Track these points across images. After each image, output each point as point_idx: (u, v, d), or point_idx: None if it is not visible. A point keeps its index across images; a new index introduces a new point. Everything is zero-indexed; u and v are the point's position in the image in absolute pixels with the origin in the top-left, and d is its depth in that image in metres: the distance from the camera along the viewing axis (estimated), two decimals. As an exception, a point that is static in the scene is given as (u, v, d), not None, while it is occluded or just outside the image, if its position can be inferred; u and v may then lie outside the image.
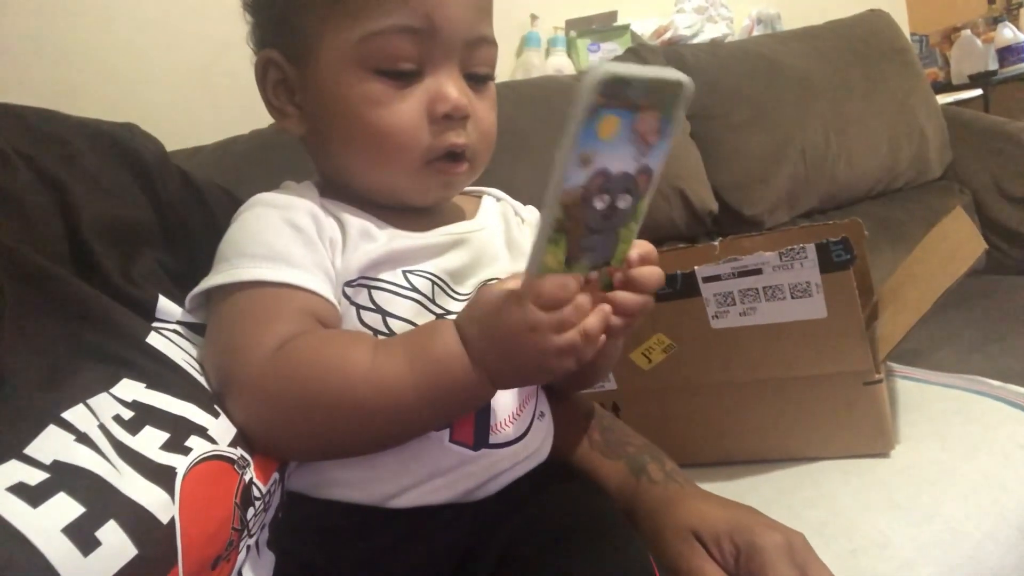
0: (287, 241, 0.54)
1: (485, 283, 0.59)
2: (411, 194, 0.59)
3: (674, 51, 1.66)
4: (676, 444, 0.72)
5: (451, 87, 0.55)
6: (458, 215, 0.64)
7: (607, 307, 0.47)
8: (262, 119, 1.33)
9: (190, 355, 0.51)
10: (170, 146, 0.66)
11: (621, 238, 0.48)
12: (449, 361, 0.47)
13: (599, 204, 0.44)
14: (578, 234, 0.45)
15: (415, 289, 0.56)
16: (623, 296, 0.49)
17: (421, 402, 0.48)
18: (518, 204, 0.71)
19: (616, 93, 0.39)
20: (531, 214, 0.70)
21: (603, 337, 0.47)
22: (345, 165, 0.59)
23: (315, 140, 0.60)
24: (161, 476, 0.41)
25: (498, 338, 0.46)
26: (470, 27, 0.56)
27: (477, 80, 0.58)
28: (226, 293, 0.52)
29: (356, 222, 0.57)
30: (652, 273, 0.50)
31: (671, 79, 0.41)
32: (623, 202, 0.45)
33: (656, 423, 0.86)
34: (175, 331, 0.52)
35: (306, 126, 0.59)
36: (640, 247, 0.49)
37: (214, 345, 0.52)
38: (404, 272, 0.56)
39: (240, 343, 0.50)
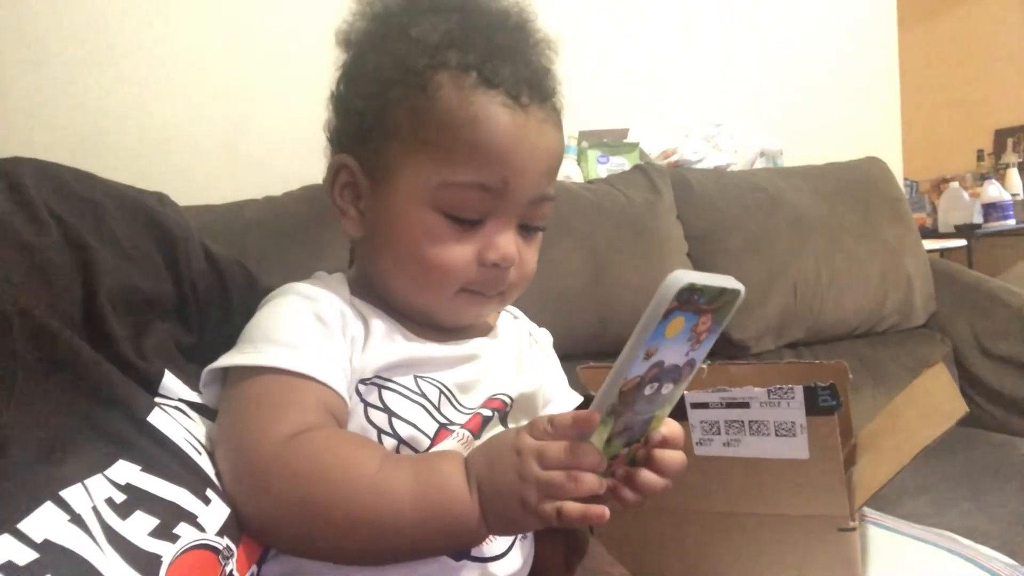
0: (311, 332, 0.56)
1: (491, 398, 0.62)
2: (443, 316, 0.63)
3: (679, 173, 1.72)
4: (650, 568, 0.72)
5: (505, 240, 0.59)
6: (475, 330, 0.67)
7: (612, 481, 0.50)
8: (276, 187, 1.39)
9: (191, 434, 0.52)
10: (184, 201, 0.68)
11: (655, 418, 0.50)
12: (450, 478, 0.49)
13: (648, 391, 0.47)
14: (624, 416, 0.47)
15: (423, 395, 0.58)
16: (644, 475, 0.51)
17: (417, 517, 0.48)
18: (533, 325, 0.74)
19: (688, 299, 0.42)
20: (544, 337, 0.73)
21: (603, 510, 0.47)
22: (389, 279, 0.62)
23: (368, 246, 0.63)
24: (146, 565, 0.41)
25: (491, 458, 0.49)
26: (537, 189, 0.60)
27: (530, 230, 0.62)
28: (244, 374, 0.54)
29: (380, 325, 0.59)
30: (674, 458, 0.52)
31: (734, 289, 0.45)
32: (666, 388, 0.48)
33: (632, 545, 0.86)
34: (177, 408, 0.53)
35: (363, 232, 0.62)
36: (667, 428, 0.51)
37: (226, 425, 0.53)
38: (416, 377, 0.59)
39: (253, 427, 0.51)
